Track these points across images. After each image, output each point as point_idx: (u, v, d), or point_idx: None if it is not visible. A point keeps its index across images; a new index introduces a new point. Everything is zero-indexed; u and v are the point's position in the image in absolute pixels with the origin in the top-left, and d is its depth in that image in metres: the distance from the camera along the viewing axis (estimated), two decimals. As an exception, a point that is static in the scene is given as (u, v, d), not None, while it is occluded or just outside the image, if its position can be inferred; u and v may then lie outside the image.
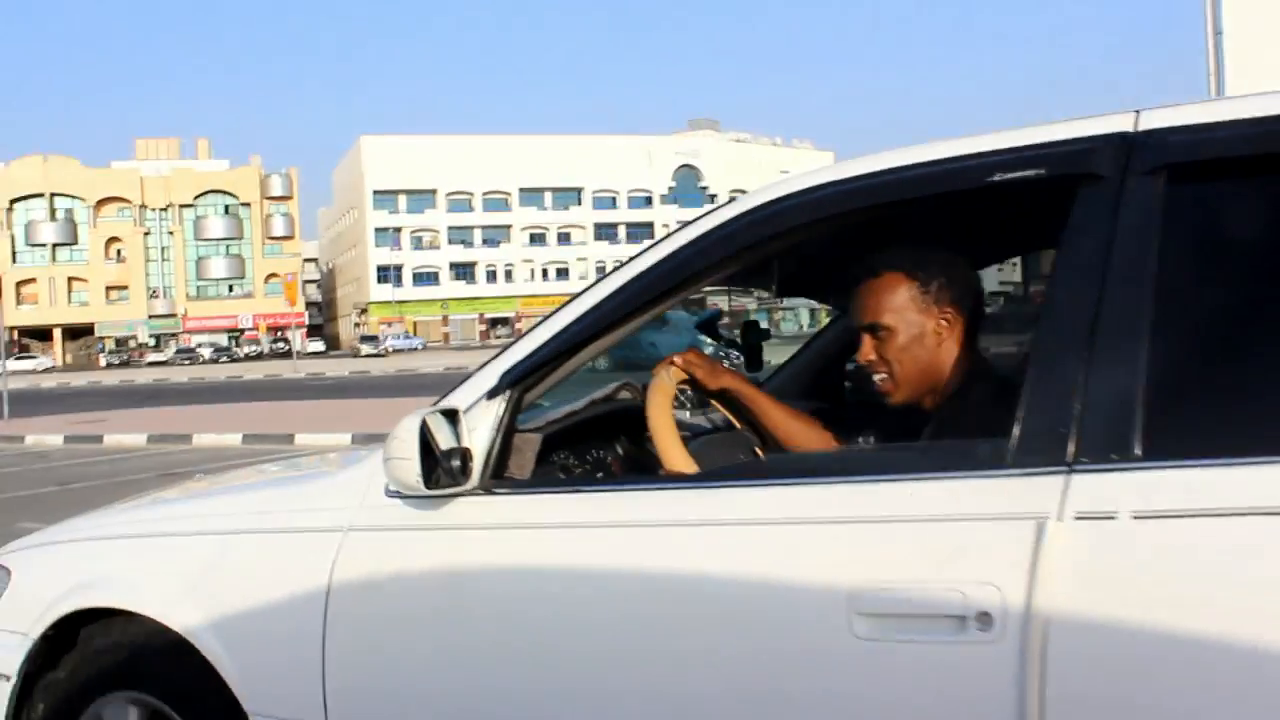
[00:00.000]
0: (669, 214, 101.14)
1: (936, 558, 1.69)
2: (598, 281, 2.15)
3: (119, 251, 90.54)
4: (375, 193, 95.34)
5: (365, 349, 71.96)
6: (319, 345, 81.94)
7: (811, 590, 1.76)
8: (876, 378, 2.30)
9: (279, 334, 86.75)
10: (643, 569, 1.92)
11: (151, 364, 73.60)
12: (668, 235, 2.12)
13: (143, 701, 2.49)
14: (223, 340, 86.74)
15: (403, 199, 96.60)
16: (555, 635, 1.98)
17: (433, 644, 2.10)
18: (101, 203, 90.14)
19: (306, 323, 64.48)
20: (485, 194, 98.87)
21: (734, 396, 2.58)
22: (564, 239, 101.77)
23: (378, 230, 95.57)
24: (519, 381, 2.14)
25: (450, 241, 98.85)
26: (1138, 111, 1.80)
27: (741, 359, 3.78)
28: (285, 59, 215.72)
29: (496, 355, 2.20)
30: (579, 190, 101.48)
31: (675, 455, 2.27)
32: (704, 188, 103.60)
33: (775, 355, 3.84)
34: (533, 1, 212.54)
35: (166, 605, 2.41)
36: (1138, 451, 1.62)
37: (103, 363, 78.43)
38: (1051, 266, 1.82)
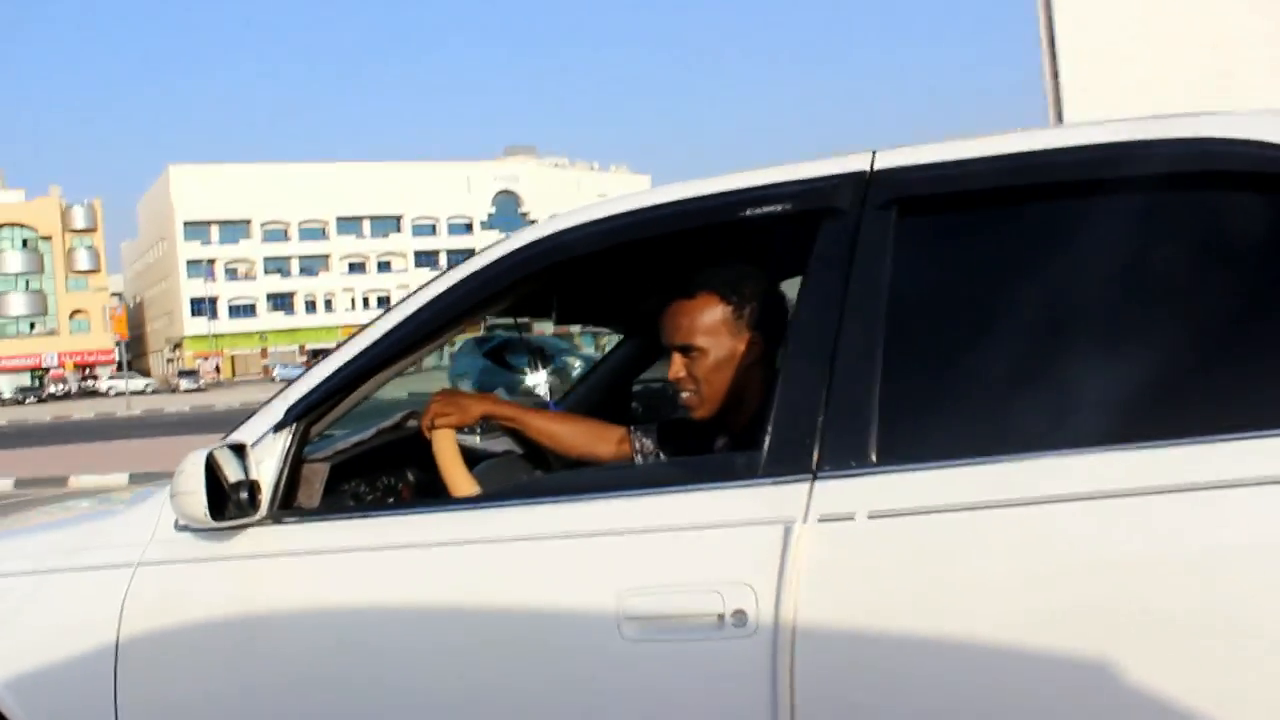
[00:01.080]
0: (490, 239, 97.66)
1: (697, 562, 1.83)
2: (380, 316, 2.25)
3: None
4: (186, 223, 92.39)
5: (184, 384, 69.60)
6: (138, 382, 78.17)
7: (583, 598, 1.88)
8: (684, 394, 2.38)
9: (87, 372, 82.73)
10: (424, 588, 2.01)
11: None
12: (443, 272, 2.23)
13: None
14: (25, 380, 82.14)
15: (215, 229, 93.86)
16: (345, 653, 2.05)
17: (225, 673, 2.13)
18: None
19: (117, 359, 61.37)
20: (301, 223, 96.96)
21: (496, 420, 2.66)
22: (384, 267, 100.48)
23: (190, 262, 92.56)
24: (304, 415, 2.21)
25: (266, 272, 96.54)
26: (874, 152, 1.99)
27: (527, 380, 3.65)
28: (83, 83, 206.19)
29: (281, 390, 2.27)
30: (398, 218, 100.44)
31: (460, 482, 2.38)
32: (524, 213, 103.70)
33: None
34: (345, 27, 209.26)
35: None
36: (873, 458, 1.78)
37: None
38: (799, 292, 1.97)
